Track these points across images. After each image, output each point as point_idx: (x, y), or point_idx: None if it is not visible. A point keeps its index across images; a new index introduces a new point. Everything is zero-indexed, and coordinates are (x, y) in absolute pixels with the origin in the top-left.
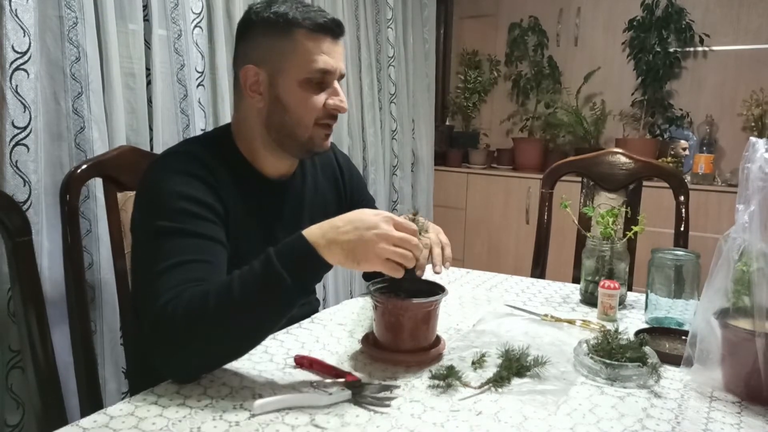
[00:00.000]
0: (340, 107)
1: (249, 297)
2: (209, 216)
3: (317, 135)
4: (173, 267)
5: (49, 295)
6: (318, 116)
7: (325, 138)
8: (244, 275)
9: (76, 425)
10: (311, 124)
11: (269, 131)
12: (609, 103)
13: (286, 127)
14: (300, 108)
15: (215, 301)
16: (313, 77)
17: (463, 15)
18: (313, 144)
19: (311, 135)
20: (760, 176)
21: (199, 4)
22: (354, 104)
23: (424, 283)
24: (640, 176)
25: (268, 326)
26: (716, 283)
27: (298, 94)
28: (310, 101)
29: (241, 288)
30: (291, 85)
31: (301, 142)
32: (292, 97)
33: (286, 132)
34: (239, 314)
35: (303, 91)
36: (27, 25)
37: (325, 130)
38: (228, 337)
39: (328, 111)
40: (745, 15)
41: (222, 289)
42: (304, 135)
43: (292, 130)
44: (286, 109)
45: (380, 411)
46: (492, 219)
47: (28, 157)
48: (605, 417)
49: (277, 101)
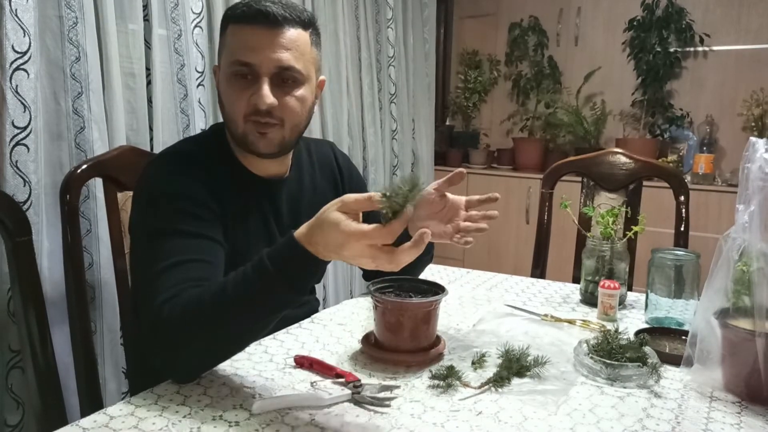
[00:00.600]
0: (257, 103)
1: (243, 299)
2: (206, 215)
3: (250, 132)
4: (171, 267)
5: (49, 295)
6: (245, 113)
7: (260, 137)
8: (237, 276)
9: (76, 425)
10: (240, 120)
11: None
12: (609, 103)
13: (227, 124)
14: (228, 103)
15: (210, 303)
16: (235, 71)
17: (463, 15)
18: (247, 141)
19: (243, 131)
20: (760, 176)
21: (199, 4)
22: (354, 104)
23: (424, 283)
24: (640, 176)
25: (263, 326)
26: (716, 283)
27: (227, 89)
28: (235, 96)
29: (235, 289)
30: (222, 79)
31: (238, 138)
32: (223, 92)
33: (229, 129)
34: (234, 315)
35: (230, 86)
36: (27, 25)
37: (257, 127)
38: (223, 337)
39: (252, 107)
40: (745, 15)
41: (217, 292)
42: (237, 130)
43: (229, 126)
44: (223, 104)
45: (380, 411)
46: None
47: (28, 157)
48: (605, 417)
49: (219, 97)
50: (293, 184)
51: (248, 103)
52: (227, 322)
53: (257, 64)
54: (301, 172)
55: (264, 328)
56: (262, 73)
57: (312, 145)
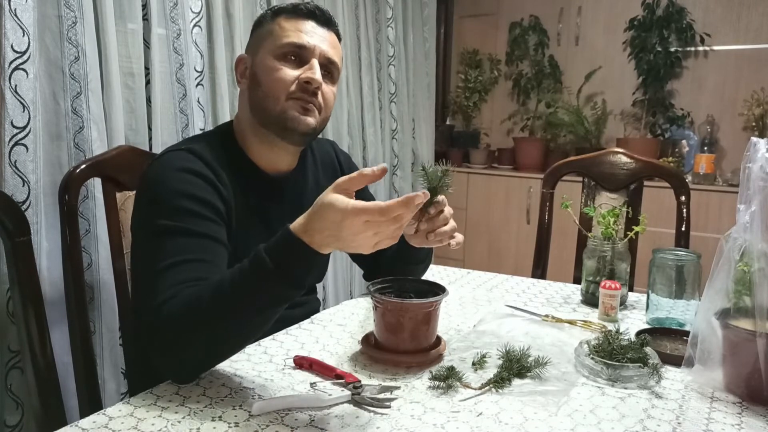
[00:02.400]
0: (311, 78)
1: (241, 295)
2: (210, 215)
3: (291, 108)
4: (173, 266)
5: (48, 295)
6: (290, 89)
7: (302, 112)
8: (234, 273)
9: (76, 426)
10: (282, 97)
11: (253, 114)
12: (610, 102)
13: (260, 103)
14: (269, 79)
15: (209, 300)
16: (286, 50)
17: (463, 14)
18: (287, 118)
19: (283, 108)
20: (761, 176)
21: (199, 4)
22: (354, 104)
23: (424, 284)
24: (641, 176)
25: (262, 323)
26: (717, 283)
27: (271, 67)
28: (280, 72)
29: (232, 284)
30: (265, 60)
31: (274, 115)
32: (263, 70)
33: (261, 107)
34: (232, 312)
35: (276, 63)
36: (26, 25)
37: (301, 102)
38: (223, 334)
39: (300, 84)
40: (745, 15)
41: (215, 287)
42: (275, 108)
43: (264, 104)
44: (260, 84)
45: (380, 412)
46: (493, 219)
47: (27, 156)
48: (606, 418)
49: (254, 78)
50: (297, 180)
51: (296, 81)
52: (226, 320)
53: (311, 47)
54: (304, 170)
55: (263, 326)
56: (314, 56)
57: (314, 143)
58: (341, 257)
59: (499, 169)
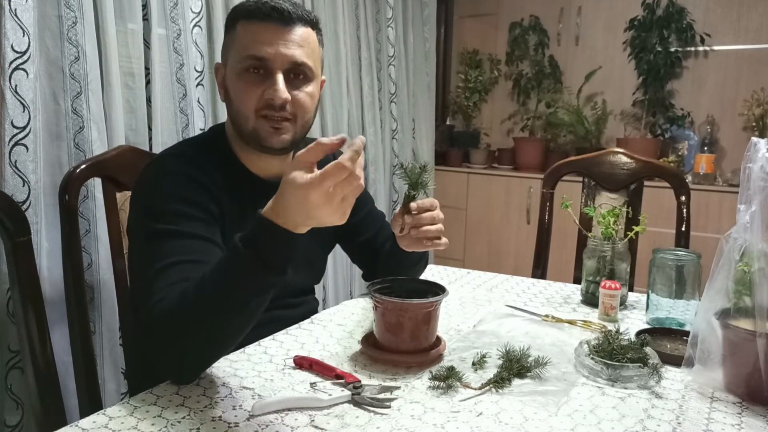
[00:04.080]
0: (273, 97)
1: (222, 285)
2: (204, 217)
3: (261, 127)
4: (167, 268)
5: (48, 295)
6: (257, 107)
7: (273, 131)
8: (215, 266)
9: (76, 426)
10: (251, 116)
11: (233, 127)
12: (610, 102)
13: (235, 120)
14: (238, 99)
15: (194, 295)
16: (248, 65)
17: (463, 14)
18: (259, 136)
19: (255, 127)
20: (762, 176)
21: (199, 4)
22: (354, 104)
23: (424, 284)
24: (641, 176)
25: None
26: (717, 283)
27: (237, 84)
28: (246, 91)
29: (213, 278)
30: (231, 75)
31: (248, 134)
32: (232, 88)
33: (236, 124)
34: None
35: (240, 81)
36: (26, 25)
37: (270, 122)
38: (212, 329)
39: (266, 102)
40: (745, 15)
41: (198, 284)
42: (247, 126)
43: (237, 122)
44: (231, 100)
45: (380, 412)
46: (493, 219)
47: (27, 157)
48: (606, 418)
49: (227, 93)
50: None
51: (261, 97)
52: (212, 314)
53: (271, 58)
54: None
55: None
56: (276, 67)
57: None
58: (341, 257)
59: (499, 169)
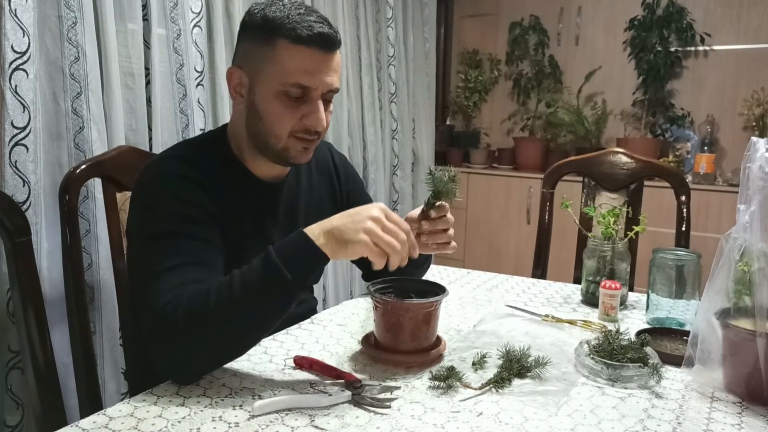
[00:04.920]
0: (316, 127)
1: (249, 294)
2: (204, 218)
3: (293, 147)
4: (170, 269)
5: (48, 295)
6: (293, 130)
7: (303, 151)
8: (243, 273)
9: (76, 426)
10: (285, 136)
11: (249, 135)
12: (610, 102)
13: (261, 135)
14: (273, 119)
15: (216, 299)
16: (289, 91)
17: (463, 14)
18: (288, 155)
19: (286, 146)
20: (761, 176)
21: (199, 4)
22: (354, 104)
23: (424, 284)
24: (641, 176)
25: (268, 323)
26: (717, 283)
27: (273, 105)
28: (284, 114)
29: (242, 285)
30: (267, 94)
31: (275, 151)
32: (266, 107)
33: (261, 139)
34: (240, 312)
35: (278, 103)
36: (26, 25)
37: (303, 143)
38: (228, 335)
39: (304, 126)
40: (745, 15)
41: (222, 288)
42: (278, 145)
43: (266, 139)
44: (261, 118)
45: (380, 412)
46: (493, 219)
47: (27, 157)
48: (606, 418)
49: (253, 107)
50: (291, 186)
51: (299, 122)
52: (233, 318)
53: (314, 88)
54: (299, 174)
55: (270, 325)
56: (316, 96)
57: None
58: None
59: (499, 169)
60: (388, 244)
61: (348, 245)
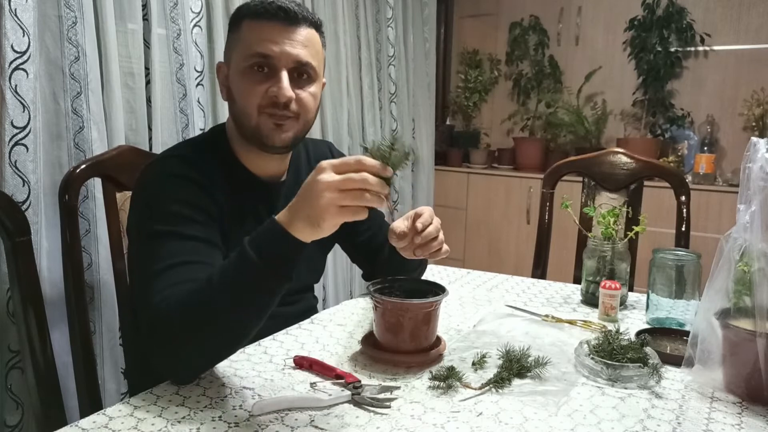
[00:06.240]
0: (278, 95)
1: (228, 287)
2: (203, 218)
3: (264, 125)
4: (167, 269)
5: (48, 295)
6: (260, 104)
7: (275, 128)
8: (222, 267)
9: (76, 426)
10: (253, 113)
11: (235, 125)
12: (610, 102)
13: (238, 119)
14: (241, 96)
15: (200, 296)
16: (253, 63)
17: (463, 14)
18: (261, 134)
19: (257, 123)
20: (761, 176)
21: (199, 3)
22: (354, 104)
23: (424, 284)
24: (641, 176)
25: (254, 316)
26: (717, 283)
27: (241, 83)
28: (250, 89)
29: (221, 279)
30: (236, 74)
31: (250, 131)
32: (235, 86)
33: (239, 124)
34: (223, 306)
35: (245, 79)
36: (26, 25)
37: (273, 119)
38: (217, 330)
39: (270, 99)
40: (745, 15)
41: (205, 284)
42: (250, 123)
43: (240, 120)
44: (234, 100)
45: (380, 412)
46: (493, 219)
47: (27, 156)
48: (606, 418)
49: (230, 93)
50: (291, 185)
51: (265, 95)
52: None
53: (276, 56)
54: (298, 173)
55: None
56: (281, 66)
57: (310, 145)
58: (341, 257)
59: (499, 169)
60: (355, 197)
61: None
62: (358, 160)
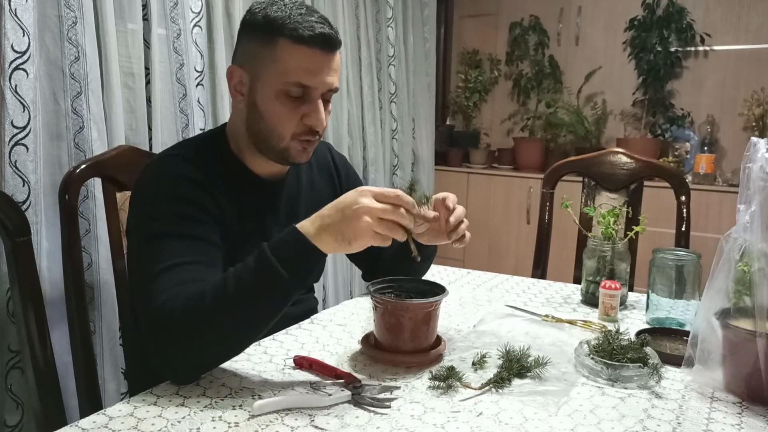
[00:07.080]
0: (316, 126)
1: (245, 293)
2: (203, 218)
3: (294, 147)
4: (168, 269)
5: (48, 295)
6: (294, 131)
7: (302, 151)
8: (238, 271)
9: (76, 426)
10: (287, 137)
11: (249, 134)
12: (610, 102)
13: (262, 134)
14: (274, 119)
15: (211, 298)
16: (290, 90)
17: (463, 14)
18: (289, 155)
19: (287, 146)
20: (761, 176)
21: (199, 4)
22: (354, 104)
23: (424, 284)
24: (641, 176)
25: (265, 321)
26: (717, 283)
27: (274, 105)
28: (285, 114)
29: (237, 284)
30: (267, 94)
31: (276, 151)
32: (267, 106)
33: (262, 138)
34: (236, 310)
35: (278, 103)
36: (26, 25)
37: (303, 144)
38: (226, 333)
39: (306, 127)
40: (745, 15)
41: (218, 287)
42: (279, 145)
43: (267, 139)
44: (262, 117)
45: (380, 412)
46: (493, 219)
47: (27, 156)
48: (606, 418)
49: (254, 107)
50: (292, 184)
51: (300, 122)
52: (229, 317)
53: (315, 87)
54: (299, 173)
55: (266, 323)
56: (317, 96)
57: None
58: (341, 257)
59: (499, 169)
60: (389, 228)
61: (352, 243)
62: (397, 195)
